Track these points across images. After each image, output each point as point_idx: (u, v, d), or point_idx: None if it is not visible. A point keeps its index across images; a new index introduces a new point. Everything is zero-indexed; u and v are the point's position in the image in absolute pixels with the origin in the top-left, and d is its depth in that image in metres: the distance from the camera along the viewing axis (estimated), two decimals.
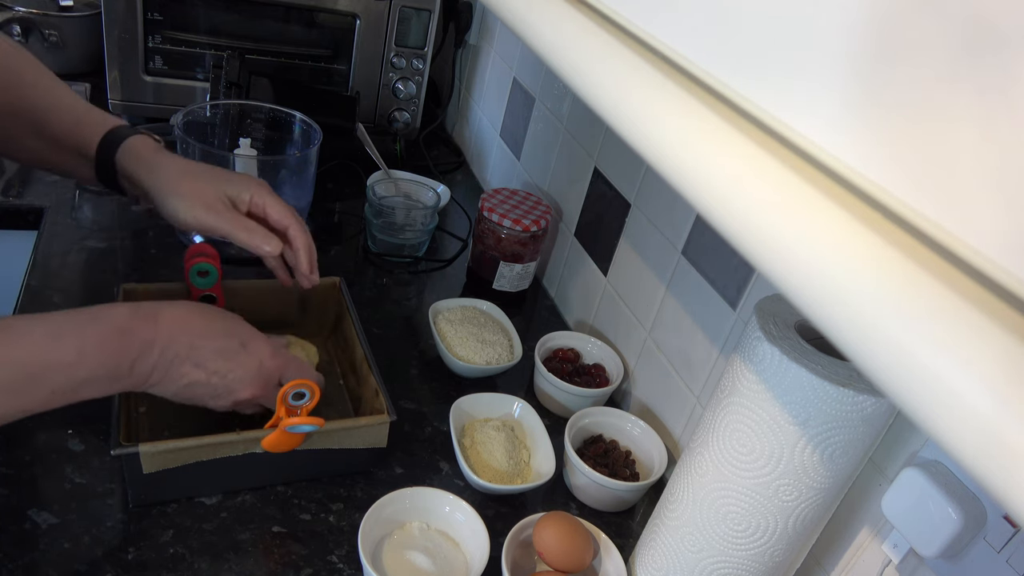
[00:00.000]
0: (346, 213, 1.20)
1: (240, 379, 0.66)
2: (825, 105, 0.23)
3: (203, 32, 1.19)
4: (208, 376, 0.64)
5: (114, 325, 0.59)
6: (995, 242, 0.18)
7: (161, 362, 0.61)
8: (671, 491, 0.66)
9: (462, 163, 1.46)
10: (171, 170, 0.75)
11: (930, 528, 0.51)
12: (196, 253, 0.80)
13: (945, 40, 0.19)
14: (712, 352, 0.79)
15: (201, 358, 0.64)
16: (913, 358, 0.19)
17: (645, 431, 0.84)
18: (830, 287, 0.21)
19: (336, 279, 0.90)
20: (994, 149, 0.18)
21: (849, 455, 0.55)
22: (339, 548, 0.69)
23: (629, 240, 0.95)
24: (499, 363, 0.91)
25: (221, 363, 0.65)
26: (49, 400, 0.55)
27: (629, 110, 0.32)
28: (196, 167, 0.77)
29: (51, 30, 1.28)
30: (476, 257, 1.08)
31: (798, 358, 0.53)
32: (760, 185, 0.25)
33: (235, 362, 0.66)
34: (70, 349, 0.56)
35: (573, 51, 0.37)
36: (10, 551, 0.62)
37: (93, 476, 0.69)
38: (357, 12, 1.21)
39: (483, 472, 0.78)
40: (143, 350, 0.60)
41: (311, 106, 1.08)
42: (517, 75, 1.25)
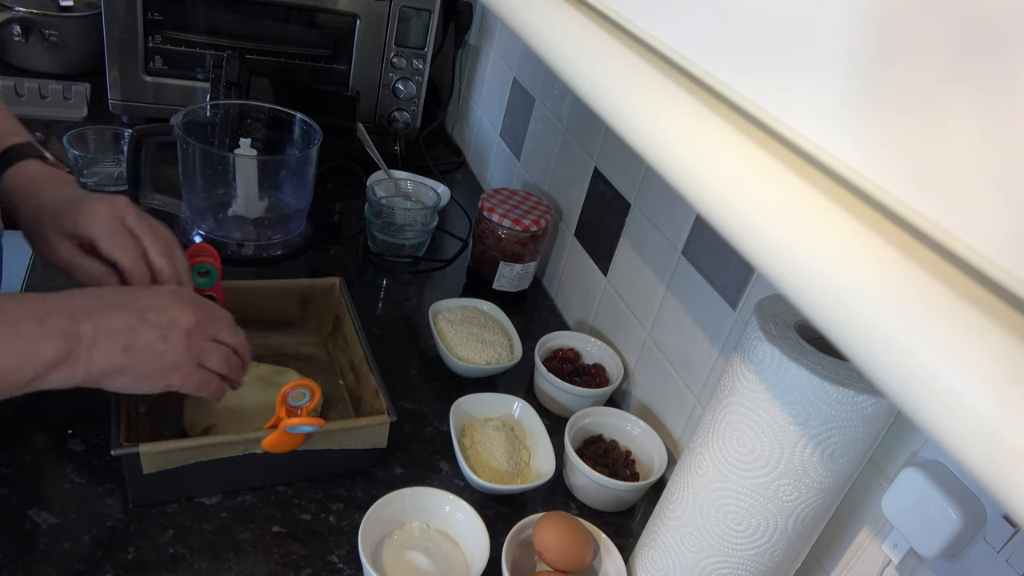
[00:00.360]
0: (346, 213, 1.20)
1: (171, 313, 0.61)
2: (825, 105, 0.23)
3: (203, 32, 1.19)
4: (142, 315, 0.59)
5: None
6: (995, 242, 0.18)
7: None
8: (671, 491, 0.66)
9: (462, 163, 1.46)
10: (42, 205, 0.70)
11: (930, 528, 0.51)
12: (196, 253, 0.80)
13: (945, 39, 0.19)
14: (712, 352, 0.79)
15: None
16: (913, 358, 0.19)
17: (645, 431, 0.84)
18: (830, 287, 0.21)
19: (336, 279, 0.90)
20: (994, 149, 0.18)
21: (849, 455, 0.55)
22: (339, 548, 0.69)
23: (629, 240, 0.95)
24: (499, 363, 0.91)
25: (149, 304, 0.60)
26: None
27: (629, 110, 0.32)
28: (55, 204, 0.70)
29: (51, 30, 1.28)
30: (476, 257, 1.08)
31: (798, 358, 0.53)
32: (760, 185, 0.25)
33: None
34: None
35: (573, 51, 0.37)
36: (10, 551, 0.62)
37: (93, 476, 0.69)
38: (357, 12, 1.21)
39: (483, 472, 0.78)
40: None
41: (311, 106, 1.08)
42: (517, 75, 1.25)
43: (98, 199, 0.71)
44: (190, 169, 0.97)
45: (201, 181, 0.99)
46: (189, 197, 1.01)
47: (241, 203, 1.01)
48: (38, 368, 0.53)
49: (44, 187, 0.71)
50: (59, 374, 0.54)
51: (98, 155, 1.10)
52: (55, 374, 0.54)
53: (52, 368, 0.54)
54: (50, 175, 0.73)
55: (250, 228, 1.03)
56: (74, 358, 0.55)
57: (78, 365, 0.55)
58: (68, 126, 1.17)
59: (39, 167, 0.73)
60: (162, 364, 0.60)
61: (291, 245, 1.06)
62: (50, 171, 0.73)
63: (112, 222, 0.69)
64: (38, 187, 0.71)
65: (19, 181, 0.71)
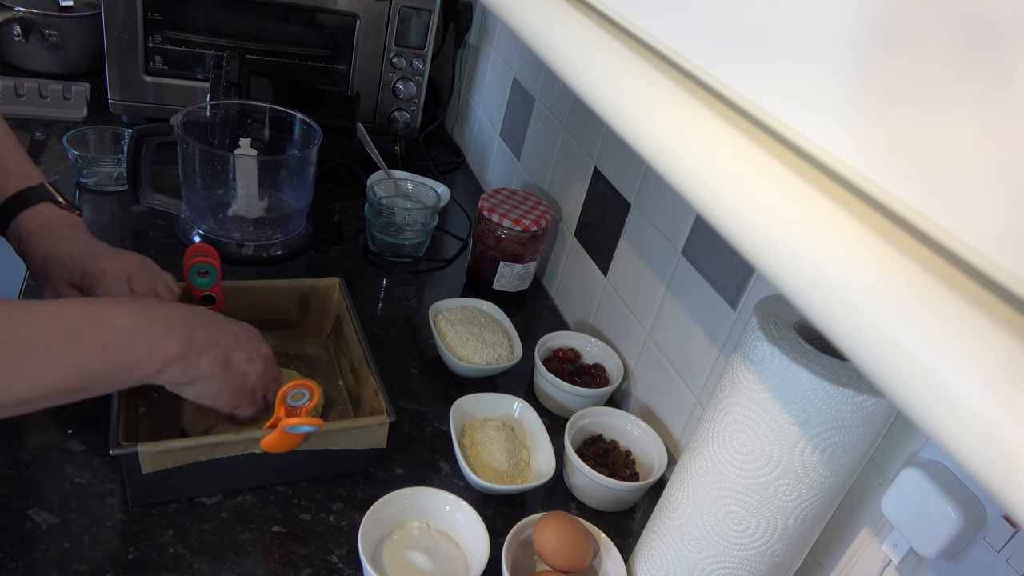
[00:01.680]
0: (346, 213, 1.20)
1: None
2: (824, 105, 0.23)
3: (203, 32, 1.19)
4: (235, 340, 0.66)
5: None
6: (995, 242, 0.18)
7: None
8: (671, 491, 0.66)
9: (462, 163, 1.46)
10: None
11: (930, 528, 0.51)
12: (196, 253, 0.80)
13: (944, 38, 0.19)
14: (712, 352, 0.79)
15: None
16: (913, 358, 0.19)
17: (645, 431, 0.84)
18: (830, 287, 0.21)
19: (336, 279, 0.90)
20: (995, 148, 0.18)
21: (849, 455, 0.55)
22: (339, 548, 0.69)
23: (629, 240, 0.95)
24: (499, 363, 0.91)
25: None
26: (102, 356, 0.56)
27: (629, 109, 0.32)
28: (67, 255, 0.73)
29: (51, 30, 1.28)
30: (476, 257, 1.08)
31: (798, 358, 0.53)
32: (760, 184, 0.25)
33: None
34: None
35: (573, 51, 0.37)
36: (10, 551, 0.62)
37: (93, 476, 0.69)
38: (357, 12, 1.21)
39: (483, 472, 0.78)
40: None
41: (311, 106, 1.08)
42: (517, 75, 1.25)
43: (107, 255, 0.73)
44: (190, 169, 0.97)
45: (201, 181, 0.99)
46: (189, 197, 1.01)
47: (241, 203, 1.01)
48: (161, 362, 0.59)
49: (56, 235, 0.73)
50: (173, 371, 0.60)
51: (98, 155, 1.10)
52: (170, 370, 0.60)
53: (171, 363, 0.60)
54: (62, 220, 0.75)
55: (250, 228, 1.03)
56: (187, 359, 0.61)
57: (188, 366, 0.61)
58: (68, 126, 1.17)
59: (51, 211, 0.75)
60: (244, 384, 0.67)
61: (291, 245, 1.06)
62: (62, 215, 0.75)
63: (117, 283, 0.72)
64: (50, 235, 0.73)
65: (32, 226, 0.73)
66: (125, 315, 0.58)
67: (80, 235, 0.75)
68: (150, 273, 0.75)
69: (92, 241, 0.75)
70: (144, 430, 0.73)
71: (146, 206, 1.01)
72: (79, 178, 1.08)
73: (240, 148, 0.98)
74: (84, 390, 0.56)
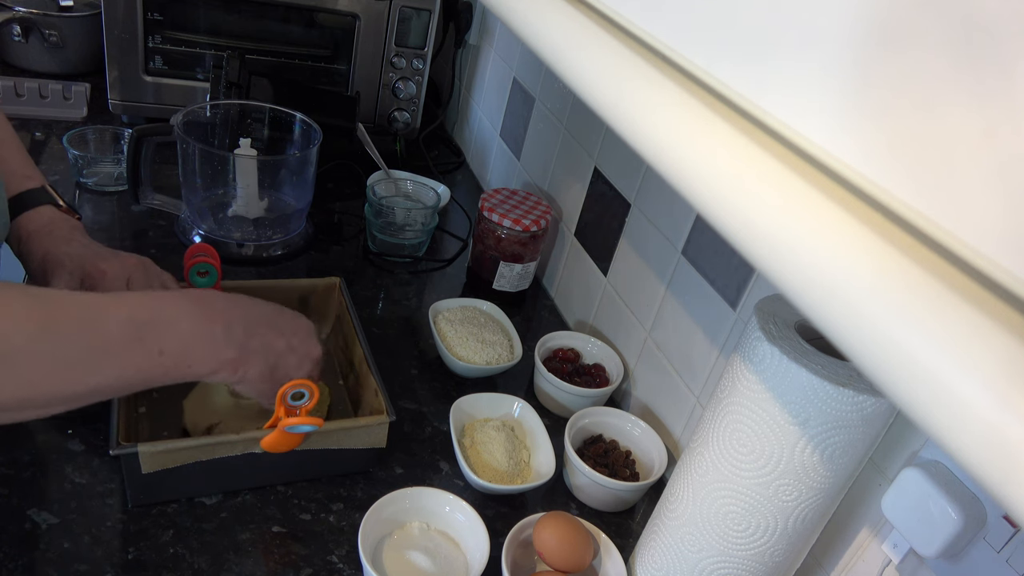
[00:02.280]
0: (346, 213, 1.20)
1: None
2: (824, 105, 0.23)
3: (203, 32, 1.19)
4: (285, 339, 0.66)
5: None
6: (995, 242, 0.18)
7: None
8: (671, 491, 0.66)
9: (462, 163, 1.46)
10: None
11: (930, 528, 0.51)
12: (196, 253, 0.80)
13: (944, 38, 0.19)
14: (712, 352, 0.79)
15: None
16: (913, 358, 0.19)
17: (645, 431, 0.84)
18: (830, 286, 0.21)
19: (336, 279, 0.90)
20: (994, 148, 0.18)
21: (849, 455, 0.55)
22: (339, 548, 0.69)
23: (629, 240, 0.95)
24: (499, 363, 0.91)
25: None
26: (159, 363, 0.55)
27: (629, 109, 0.32)
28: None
29: (51, 30, 1.28)
30: (476, 257, 1.08)
31: (798, 358, 0.53)
32: (760, 184, 0.25)
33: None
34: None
35: (573, 51, 0.37)
36: (10, 551, 0.62)
37: (93, 476, 0.69)
38: (357, 12, 1.21)
39: (483, 472, 0.78)
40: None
41: (311, 106, 1.08)
42: (517, 75, 1.25)
43: (106, 257, 0.73)
44: (190, 169, 0.97)
45: (201, 181, 0.99)
46: (189, 197, 1.01)
47: (241, 203, 1.01)
48: (215, 366, 0.60)
49: (55, 237, 0.73)
50: (225, 373, 0.61)
51: (98, 155, 1.10)
52: (222, 373, 0.61)
53: (222, 368, 0.60)
54: (62, 223, 0.75)
55: (250, 228, 1.03)
56: (239, 364, 0.61)
57: (239, 370, 0.62)
58: (68, 126, 1.17)
59: (51, 213, 0.75)
60: (285, 383, 0.66)
61: (291, 245, 1.06)
62: (62, 218, 0.76)
63: (117, 284, 0.72)
64: (49, 236, 0.73)
65: (32, 228, 0.73)
66: (190, 318, 0.58)
67: (79, 237, 0.75)
68: (150, 274, 0.75)
69: (91, 243, 0.75)
70: (144, 430, 0.73)
71: (146, 206, 1.01)
72: (79, 178, 1.08)
73: (240, 148, 0.98)
74: (140, 386, 0.56)
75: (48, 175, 1.08)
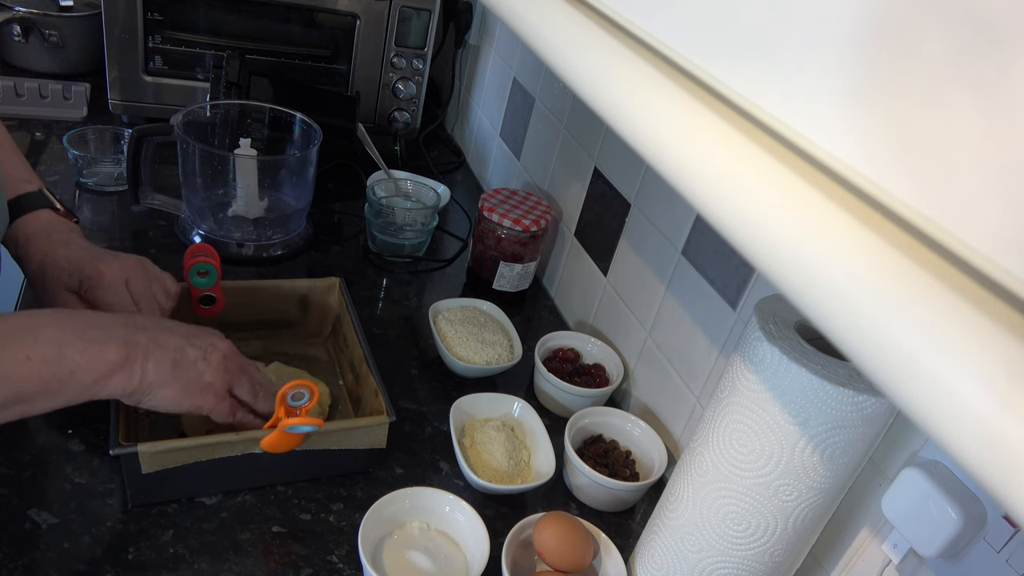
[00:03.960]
0: (346, 213, 1.20)
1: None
2: (824, 104, 0.23)
3: (203, 32, 1.19)
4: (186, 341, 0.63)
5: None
6: (995, 242, 0.18)
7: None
8: (671, 491, 0.66)
9: (462, 163, 1.46)
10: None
11: (930, 528, 0.51)
12: (196, 253, 0.80)
13: (945, 38, 0.19)
14: (712, 352, 0.79)
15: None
16: (913, 358, 0.19)
17: (645, 431, 0.84)
18: (829, 287, 0.21)
19: (336, 279, 0.90)
20: (995, 149, 0.18)
21: (849, 455, 0.55)
22: (339, 548, 0.69)
23: (629, 240, 0.95)
24: (499, 363, 0.90)
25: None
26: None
27: (628, 109, 0.32)
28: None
29: (51, 30, 1.28)
30: (476, 257, 1.08)
31: (798, 358, 0.53)
32: (760, 184, 0.25)
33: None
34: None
35: (573, 51, 0.37)
36: (10, 551, 0.62)
37: (93, 476, 0.69)
38: (357, 12, 1.21)
39: (483, 472, 0.78)
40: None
41: (311, 106, 1.08)
42: (517, 75, 1.25)
43: (105, 259, 0.73)
44: (190, 169, 0.97)
45: (201, 181, 0.99)
46: (189, 197, 1.01)
47: (241, 203, 1.01)
48: (102, 370, 0.57)
49: (54, 240, 0.73)
50: (118, 379, 0.58)
51: (98, 155, 1.10)
52: (114, 379, 0.58)
53: (113, 372, 0.58)
54: (60, 226, 0.75)
55: (250, 228, 1.03)
56: (132, 364, 0.59)
57: (135, 372, 0.59)
58: (68, 126, 1.17)
59: (49, 217, 0.75)
60: (201, 383, 0.64)
61: (291, 245, 1.06)
62: (60, 221, 0.76)
63: (115, 285, 0.72)
64: (47, 240, 0.73)
65: (29, 232, 0.73)
66: (52, 324, 0.56)
67: (78, 240, 0.75)
68: (149, 274, 0.75)
69: (89, 246, 0.75)
70: (144, 430, 0.73)
71: (146, 206, 1.01)
72: (79, 178, 1.08)
73: (240, 148, 0.98)
74: (18, 405, 0.53)
75: (48, 175, 1.09)
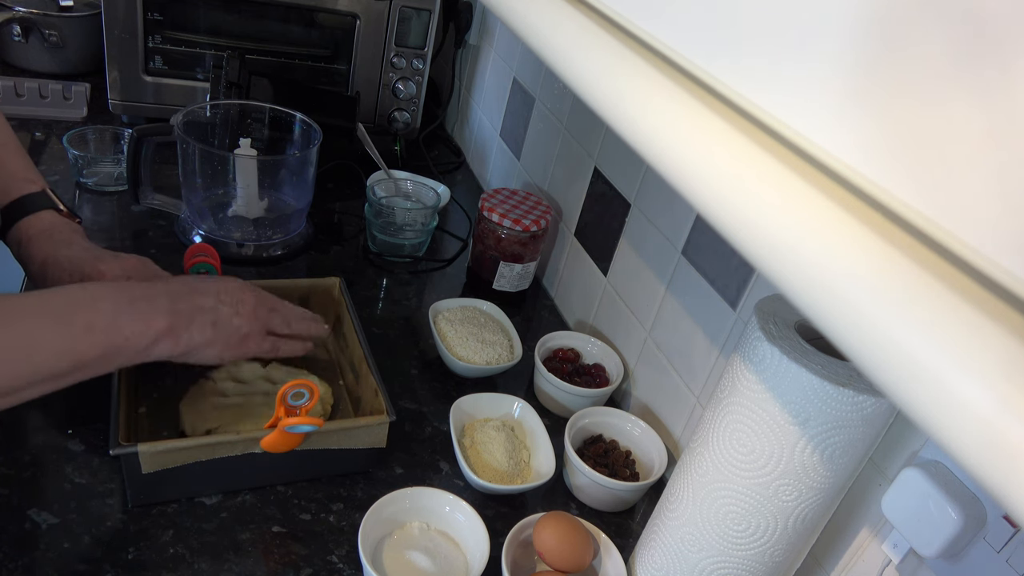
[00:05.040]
0: (346, 213, 1.20)
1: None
2: (824, 104, 0.23)
3: (203, 32, 1.19)
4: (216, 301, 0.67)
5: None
6: (995, 242, 0.18)
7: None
8: (671, 491, 0.66)
9: (462, 163, 1.46)
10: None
11: (930, 528, 0.51)
12: (196, 253, 0.80)
13: (945, 38, 0.19)
14: (712, 352, 0.79)
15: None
16: (913, 357, 0.19)
17: (645, 431, 0.84)
18: (829, 287, 0.21)
19: (336, 279, 0.90)
20: (995, 148, 0.18)
21: (849, 455, 0.55)
22: (339, 548, 0.69)
23: (629, 240, 0.95)
24: (499, 363, 0.90)
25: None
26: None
27: (628, 109, 0.32)
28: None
29: (51, 30, 1.28)
30: (476, 257, 1.08)
31: (798, 358, 0.53)
32: (760, 184, 0.25)
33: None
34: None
35: (573, 51, 0.37)
36: (10, 551, 0.62)
37: (93, 476, 0.69)
38: (357, 12, 1.21)
39: (483, 472, 0.78)
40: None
41: (311, 106, 1.08)
42: (517, 75, 1.25)
43: (106, 259, 0.73)
44: (190, 169, 0.97)
45: (201, 181, 0.99)
46: (189, 197, 1.01)
47: (241, 203, 1.01)
48: (151, 337, 0.61)
49: (56, 240, 0.74)
50: (165, 344, 0.62)
51: (98, 155, 1.10)
52: (163, 344, 0.62)
53: (162, 338, 0.62)
54: (62, 226, 0.75)
55: (250, 228, 1.03)
56: (177, 331, 0.63)
57: (181, 337, 0.63)
58: (68, 126, 1.17)
59: (52, 218, 0.75)
60: (240, 335, 0.68)
61: (291, 245, 1.06)
62: (63, 222, 0.76)
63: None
64: (49, 240, 0.74)
65: (32, 233, 0.74)
66: (107, 296, 0.60)
67: (79, 241, 0.75)
68: (149, 273, 0.75)
69: (91, 247, 0.75)
70: (144, 430, 0.73)
71: (146, 206, 1.01)
72: (79, 178, 1.08)
73: (240, 148, 0.98)
74: (79, 372, 0.57)
75: (48, 175, 1.09)
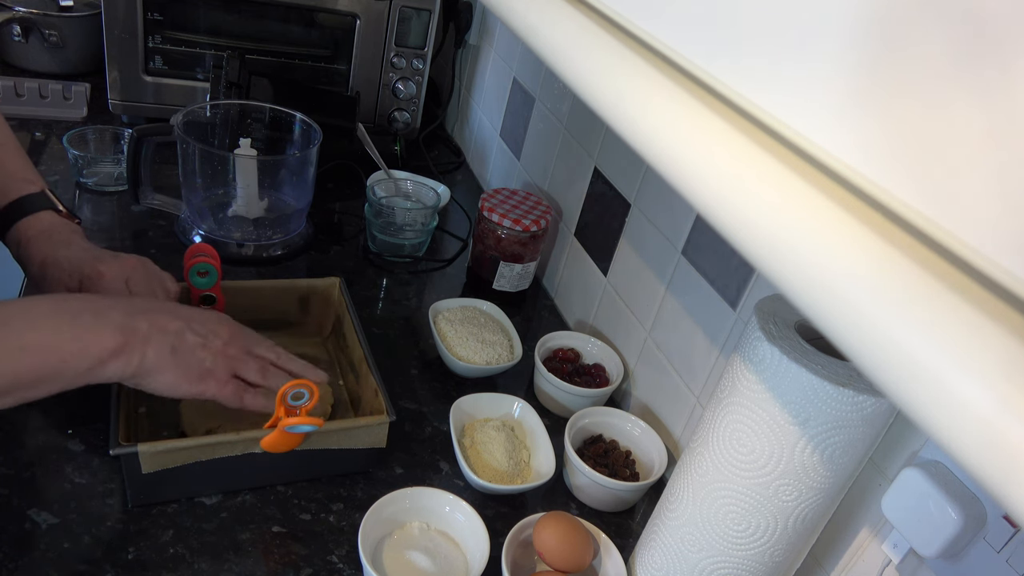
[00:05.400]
0: (346, 213, 1.20)
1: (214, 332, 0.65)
2: (824, 104, 0.23)
3: (203, 32, 1.19)
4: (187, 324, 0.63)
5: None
6: (995, 242, 0.18)
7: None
8: (671, 491, 0.66)
9: (462, 163, 1.46)
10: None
11: (930, 528, 0.51)
12: (196, 253, 0.80)
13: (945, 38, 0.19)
14: (712, 352, 0.79)
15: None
16: (912, 357, 0.19)
17: (645, 431, 0.84)
18: (829, 286, 0.21)
19: (336, 279, 0.90)
20: (995, 148, 0.18)
21: (849, 455, 0.55)
22: (339, 548, 0.69)
23: (629, 240, 0.95)
24: (499, 363, 0.90)
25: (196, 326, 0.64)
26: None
27: (628, 109, 0.32)
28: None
29: (51, 30, 1.28)
30: (476, 257, 1.08)
31: (798, 358, 0.53)
32: (760, 184, 0.25)
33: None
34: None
35: (573, 51, 0.37)
36: (10, 551, 0.62)
37: (93, 476, 0.69)
38: (357, 12, 1.21)
39: (483, 472, 0.78)
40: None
41: (311, 106, 1.08)
42: (517, 75, 1.25)
43: (105, 259, 0.73)
44: (190, 169, 0.97)
45: (201, 181, 0.99)
46: (189, 197, 1.01)
47: (241, 203, 1.01)
48: (98, 356, 0.56)
49: (55, 241, 0.73)
50: (115, 364, 0.57)
51: (98, 155, 1.10)
52: (112, 364, 0.57)
53: (111, 358, 0.57)
54: (61, 227, 0.75)
55: (250, 228, 1.03)
56: (130, 349, 0.58)
57: (133, 356, 0.58)
58: (68, 126, 1.17)
59: (51, 218, 0.75)
60: (201, 369, 0.63)
61: (291, 245, 1.06)
62: (62, 222, 0.76)
63: (115, 285, 0.72)
64: (48, 240, 0.73)
65: (31, 233, 0.73)
66: (47, 313, 0.55)
67: (79, 241, 0.75)
68: (149, 274, 0.75)
69: (90, 247, 0.75)
70: (144, 430, 0.73)
71: (146, 206, 1.01)
72: (79, 178, 1.08)
73: (240, 148, 0.98)
74: (16, 392, 0.53)
75: (48, 175, 1.09)
